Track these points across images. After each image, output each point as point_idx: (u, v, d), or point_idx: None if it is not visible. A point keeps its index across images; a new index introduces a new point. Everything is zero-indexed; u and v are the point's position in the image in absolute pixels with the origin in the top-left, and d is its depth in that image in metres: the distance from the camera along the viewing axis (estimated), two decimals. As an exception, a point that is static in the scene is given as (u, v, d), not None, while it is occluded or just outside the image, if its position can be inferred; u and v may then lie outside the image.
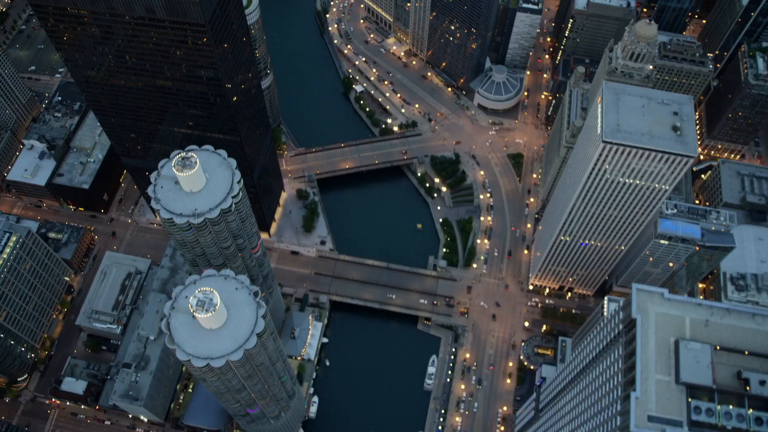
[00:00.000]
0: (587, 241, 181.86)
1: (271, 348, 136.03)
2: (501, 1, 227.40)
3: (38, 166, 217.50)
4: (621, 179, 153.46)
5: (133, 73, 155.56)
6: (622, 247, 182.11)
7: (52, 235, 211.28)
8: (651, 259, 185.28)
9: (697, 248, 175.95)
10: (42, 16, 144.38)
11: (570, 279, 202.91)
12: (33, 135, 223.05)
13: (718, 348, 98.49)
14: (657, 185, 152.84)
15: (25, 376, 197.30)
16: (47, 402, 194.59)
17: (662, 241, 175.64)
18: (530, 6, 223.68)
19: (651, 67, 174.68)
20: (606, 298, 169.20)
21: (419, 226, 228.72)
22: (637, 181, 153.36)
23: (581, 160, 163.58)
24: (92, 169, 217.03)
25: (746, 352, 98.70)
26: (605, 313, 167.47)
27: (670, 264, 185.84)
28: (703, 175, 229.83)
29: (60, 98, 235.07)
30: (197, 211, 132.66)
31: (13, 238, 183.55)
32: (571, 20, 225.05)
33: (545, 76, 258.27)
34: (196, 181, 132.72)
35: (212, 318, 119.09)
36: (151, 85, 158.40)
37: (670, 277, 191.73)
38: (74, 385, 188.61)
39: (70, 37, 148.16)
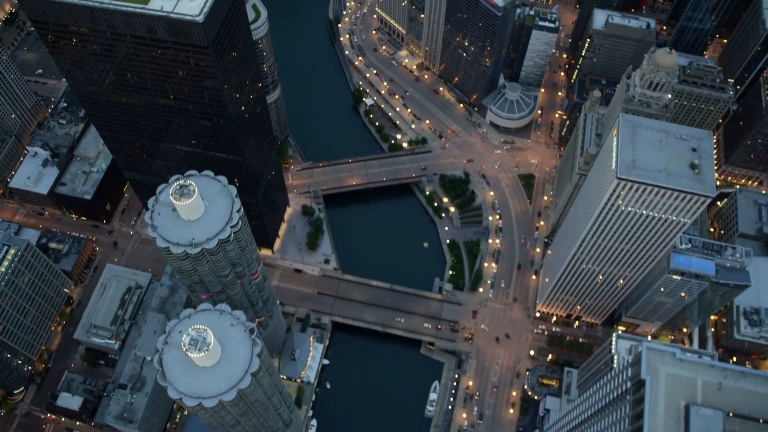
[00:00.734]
0: (597, 269, 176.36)
1: (267, 384, 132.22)
2: (517, 18, 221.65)
3: (41, 174, 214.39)
4: (635, 210, 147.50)
5: (134, 90, 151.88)
6: (634, 279, 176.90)
7: (53, 245, 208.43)
8: (662, 289, 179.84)
9: (711, 284, 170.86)
10: (42, 32, 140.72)
11: (578, 307, 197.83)
12: (37, 142, 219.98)
13: (731, 415, 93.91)
14: (674, 217, 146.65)
15: (21, 389, 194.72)
16: (42, 417, 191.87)
17: (675, 277, 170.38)
18: (547, 24, 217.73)
19: (669, 96, 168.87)
20: (614, 335, 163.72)
21: (426, 244, 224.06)
22: (653, 214, 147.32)
23: (594, 192, 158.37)
24: (95, 179, 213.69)
25: (761, 420, 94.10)
26: (613, 350, 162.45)
27: (682, 294, 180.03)
28: (719, 202, 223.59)
29: (65, 104, 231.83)
30: (195, 240, 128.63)
31: (12, 252, 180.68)
32: (588, 40, 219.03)
33: (560, 93, 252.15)
34: (194, 209, 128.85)
35: (205, 357, 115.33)
36: (153, 103, 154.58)
37: (682, 310, 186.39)
38: (70, 401, 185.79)
39: (71, 53, 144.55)
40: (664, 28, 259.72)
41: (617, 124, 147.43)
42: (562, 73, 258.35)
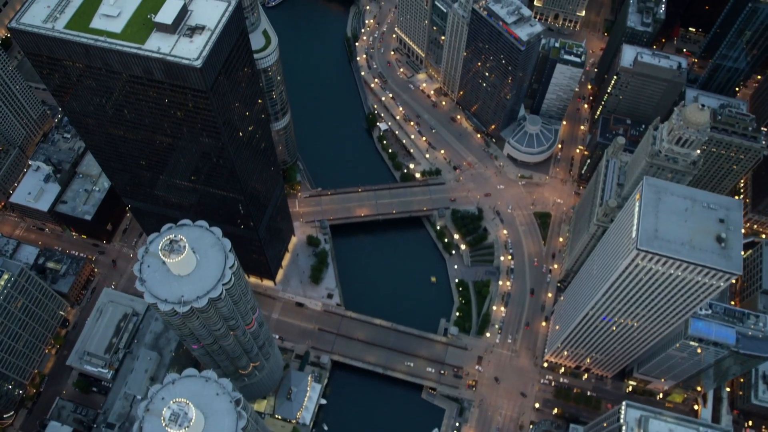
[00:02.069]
0: (611, 318, 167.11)
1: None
2: (541, 49, 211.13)
3: (42, 190, 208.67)
4: (657, 272, 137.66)
5: (131, 125, 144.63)
6: (648, 341, 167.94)
7: (50, 264, 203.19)
8: (678, 350, 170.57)
9: (731, 353, 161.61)
10: (37, 64, 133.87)
11: (588, 360, 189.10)
12: (40, 156, 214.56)
13: None
14: (700, 281, 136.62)
15: (11, 413, 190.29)
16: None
17: (692, 343, 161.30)
18: (572, 59, 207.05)
19: (698, 152, 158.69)
20: (624, 403, 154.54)
21: (433, 279, 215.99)
22: (676, 275, 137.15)
23: (611, 255, 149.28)
24: (96, 199, 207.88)
25: None
26: (621, 420, 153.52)
27: (698, 351, 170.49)
28: (742, 252, 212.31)
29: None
30: (184, 298, 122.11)
31: (5, 277, 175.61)
32: (615, 77, 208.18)
33: (582, 127, 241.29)
34: (184, 265, 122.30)
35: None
36: (151, 139, 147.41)
37: (697, 373, 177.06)
38: (59, 431, 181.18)
39: (66, 86, 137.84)
40: (695, 60, 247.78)
41: (641, 187, 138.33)
42: (586, 105, 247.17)
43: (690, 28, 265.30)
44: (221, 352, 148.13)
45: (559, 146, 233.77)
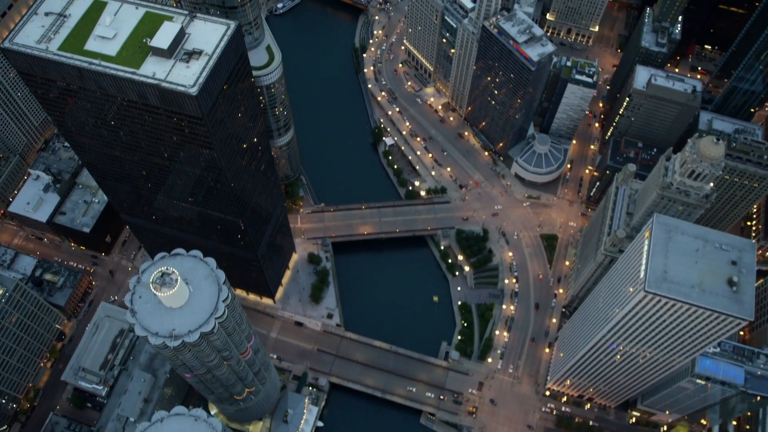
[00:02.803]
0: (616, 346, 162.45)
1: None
2: (552, 67, 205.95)
3: (41, 200, 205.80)
4: (663, 309, 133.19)
5: (127, 147, 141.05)
6: (653, 378, 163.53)
7: (48, 276, 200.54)
8: (683, 387, 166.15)
9: (739, 393, 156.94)
10: (31, 83, 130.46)
11: (591, 390, 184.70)
12: (40, 165, 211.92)
13: None
14: (710, 322, 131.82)
15: (4, 427, 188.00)
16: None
17: (699, 381, 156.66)
18: (584, 79, 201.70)
19: (711, 185, 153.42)
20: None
21: (436, 298, 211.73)
22: (685, 317, 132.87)
23: (618, 291, 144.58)
24: (96, 211, 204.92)
25: None
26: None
27: (706, 384, 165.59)
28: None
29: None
30: (175, 332, 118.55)
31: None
32: (627, 98, 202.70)
33: (592, 147, 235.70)
34: (176, 298, 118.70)
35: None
36: (147, 161, 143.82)
37: (703, 408, 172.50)
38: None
39: (61, 106, 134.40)
40: (710, 80, 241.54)
41: (650, 225, 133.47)
42: (597, 124, 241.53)
43: (706, 46, 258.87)
44: (215, 381, 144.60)
45: (568, 166, 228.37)
